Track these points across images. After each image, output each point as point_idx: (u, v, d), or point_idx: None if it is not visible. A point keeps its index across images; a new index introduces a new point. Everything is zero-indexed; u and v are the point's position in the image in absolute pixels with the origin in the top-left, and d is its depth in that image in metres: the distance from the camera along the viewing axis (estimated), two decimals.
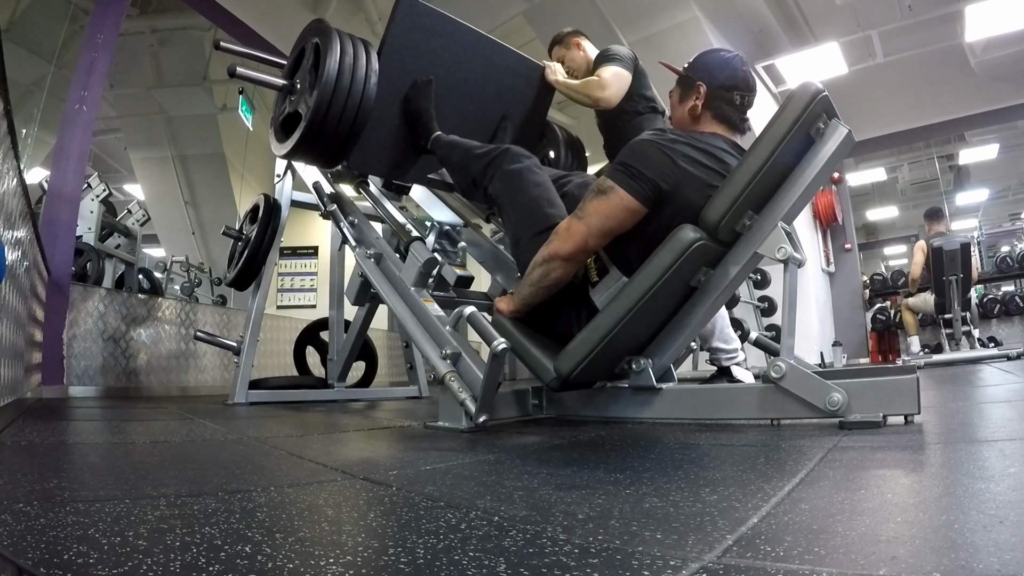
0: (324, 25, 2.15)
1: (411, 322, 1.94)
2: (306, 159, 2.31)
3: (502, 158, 1.92)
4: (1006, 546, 0.51)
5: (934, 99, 6.83)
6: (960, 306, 5.22)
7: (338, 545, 0.59)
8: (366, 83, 2.06)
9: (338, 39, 2.07)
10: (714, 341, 2.50)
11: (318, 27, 2.18)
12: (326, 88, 2.00)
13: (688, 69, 1.72)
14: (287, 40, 5.33)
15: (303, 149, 2.15)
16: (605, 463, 1.07)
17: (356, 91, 2.04)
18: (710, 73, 1.66)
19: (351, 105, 2.05)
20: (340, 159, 2.23)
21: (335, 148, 2.14)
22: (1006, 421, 1.39)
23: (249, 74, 2.18)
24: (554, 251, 1.62)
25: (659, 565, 0.52)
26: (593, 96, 2.39)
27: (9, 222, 1.65)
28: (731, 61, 1.69)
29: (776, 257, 1.46)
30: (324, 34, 2.11)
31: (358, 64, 2.06)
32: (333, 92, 2.01)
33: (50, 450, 1.24)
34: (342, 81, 2.02)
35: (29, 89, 6.00)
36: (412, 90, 2.24)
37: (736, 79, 1.66)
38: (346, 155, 2.19)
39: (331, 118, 2.04)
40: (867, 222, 13.20)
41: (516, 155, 1.93)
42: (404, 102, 2.25)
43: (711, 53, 1.73)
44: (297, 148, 2.15)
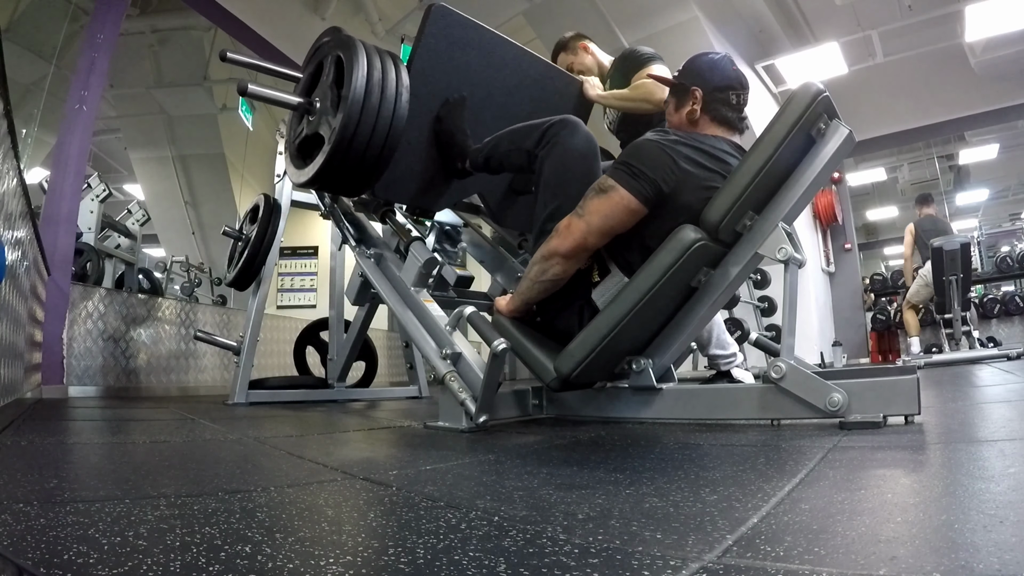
0: (345, 36, 1.92)
1: (411, 322, 1.94)
2: (329, 188, 2.09)
3: (560, 126, 1.77)
4: (1006, 546, 0.51)
5: (934, 99, 6.83)
6: (960, 306, 5.22)
7: (338, 545, 0.59)
8: (397, 101, 1.85)
9: (364, 52, 1.85)
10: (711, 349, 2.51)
11: (338, 39, 1.94)
12: (354, 107, 1.78)
13: (680, 76, 1.72)
14: (287, 40, 5.37)
15: (327, 176, 1.91)
16: (605, 463, 1.07)
17: (387, 110, 1.82)
18: (703, 77, 1.67)
19: (381, 126, 1.83)
20: (366, 187, 2.01)
21: (363, 175, 1.92)
22: (1006, 421, 1.39)
23: (261, 92, 1.94)
24: (554, 248, 1.62)
25: (659, 565, 0.52)
26: (655, 97, 2.24)
27: (9, 222, 1.65)
28: (721, 62, 1.70)
29: (777, 257, 1.46)
30: (346, 47, 1.87)
31: (387, 80, 1.84)
32: (361, 112, 1.79)
33: (50, 450, 1.24)
34: (371, 100, 1.79)
35: (29, 89, 6.00)
36: (444, 109, 2.06)
37: (729, 79, 1.67)
38: (374, 182, 1.98)
39: (359, 141, 1.81)
40: (867, 222, 13.20)
41: (575, 125, 1.78)
42: (436, 122, 2.07)
43: (700, 57, 1.73)
44: (320, 175, 1.90)
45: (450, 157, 2.08)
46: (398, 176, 2.04)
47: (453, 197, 2.30)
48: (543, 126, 1.79)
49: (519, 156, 1.86)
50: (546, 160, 1.76)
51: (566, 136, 1.75)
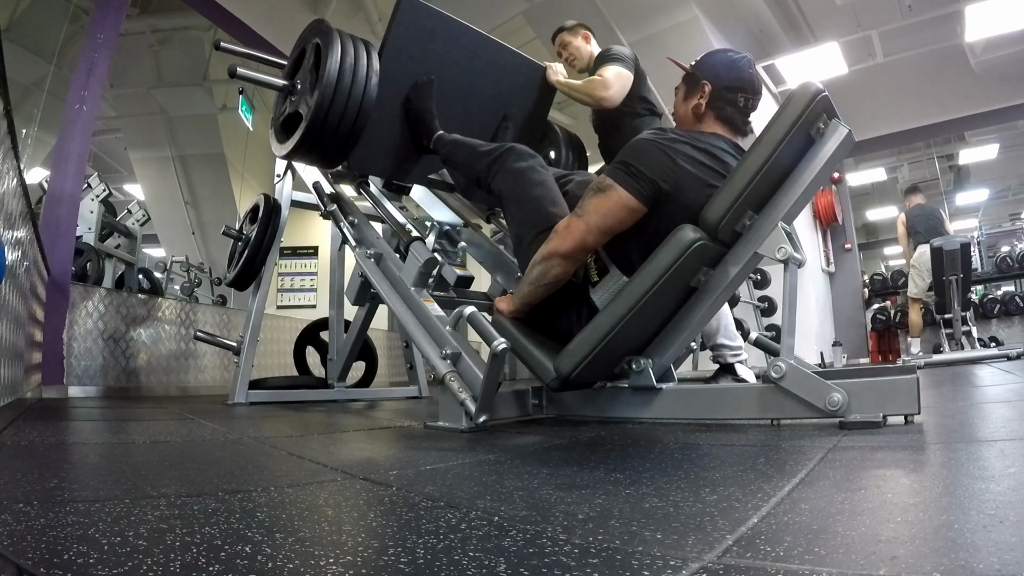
0: (325, 25, 2.15)
1: (411, 322, 1.94)
2: (306, 159, 2.31)
3: (506, 156, 1.93)
4: (1006, 546, 0.51)
5: (934, 99, 6.83)
6: (960, 306, 5.22)
7: (338, 545, 0.59)
8: (367, 83, 2.06)
9: (339, 39, 2.07)
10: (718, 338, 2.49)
11: (319, 27, 2.17)
12: (327, 88, 2.00)
13: (695, 67, 1.71)
14: (287, 40, 5.34)
15: (304, 149, 2.15)
16: (605, 463, 1.07)
17: (357, 91, 2.04)
18: (716, 73, 1.65)
19: (352, 105, 2.05)
20: (341, 159, 2.23)
21: (336, 148, 2.15)
22: (1006, 421, 1.39)
23: (249, 74, 2.18)
24: (553, 249, 1.62)
25: (659, 565, 0.52)
26: (596, 95, 2.39)
27: (9, 222, 1.65)
28: (739, 62, 1.68)
29: (776, 257, 1.46)
30: (325, 34, 2.10)
31: (359, 64, 2.06)
32: (334, 92, 2.01)
33: (50, 450, 1.24)
34: (343, 81, 2.02)
35: (29, 89, 6.00)
36: (413, 91, 2.24)
37: (742, 81, 1.65)
38: (347, 155, 2.20)
39: (332, 118, 2.04)
40: (867, 222, 13.19)
41: (521, 153, 1.93)
42: (405, 102, 2.25)
43: (719, 53, 1.72)
44: (298, 148, 2.15)
45: (417, 135, 2.27)
46: (372, 151, 2.26)
47: (423, 171, 2.52)
48: (490, 157, 1.96)
49: (469, 173, 2.07)
50: (495, 185, 1.93)
51: (512, 162, 1.91)
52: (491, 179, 1.94)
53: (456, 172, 2.21)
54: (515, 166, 1.90)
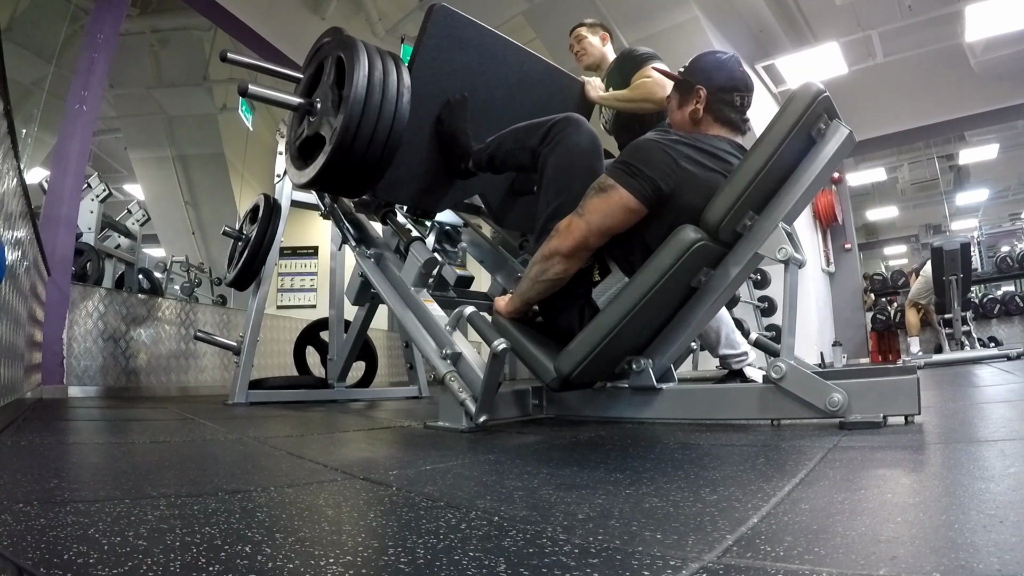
0: (346, 37, 1.92)
1: (411, 322, 1.94)
2: (330, 188, 2.07)
3: (565, 123, 1.77)
4: (1006, 546, 0.51)
5: (934, 99, 6.83)
6: (960, 306, 5.23)
7: (338, 545, 0.59)
8: (398, 101, 1.84)
9: (365, 52, 1.84)
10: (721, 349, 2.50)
11: (339, 39, 1.93)
12: (355, 108, 1.77)
13: (685, 73, 1.71)
14: (287, 40, 5.37)
15: (328, 176, 1.90)
16: (605, 463, 1.07)
17: (388, 111, 1.82)
18: (708, 76, 1.65)
19: (383, 127, 1.82)
20: (367, 188, 2.00)
21: (364, 175, 1.90)
22: (1006, 421, 1.39)
23: (262, 92, 1.93)
24: (554, 248, 1.62)
25: (659, 565, 0.52)
26: (656, 97, 2.25)
27: (9, 222, 1.65)
28: (728, 62, 1.68)
29: (777, 257, 1.46)
30: (347, 47, 1.86)
31: (388, 80, 1.83)
32: (362, 112, 1.78)
33: (50, 450, 1.24)
34: (372, 100, 1.79)
35: (29, 89, 6.00)
36: (446, 110, 2.05)
37: (735, 80, 1.65)
38: (375, 183, 1.96)
39: (360, 141, 1.80)
40: (867, 222, 13.21)
41: (578, 124, 1.78)
42: (437, 123, 2.06)
43: (707, 56, 1.72)
44: (321, 176, 1.89)
45: (452, 158, 2.07)
46: (399, 177, 2.03)
47: (454, 198, 2.29)
48: (547, 124, 1.78)
49: (523, 154, 1.85)
50: (550, 157, 1.75)
51: (570, 133, 1.74)
52: (547, 147, 1.77)
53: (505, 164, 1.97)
54: (574, 142, 1.74)
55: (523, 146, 1.85)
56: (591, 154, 1.75)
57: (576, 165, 1.73)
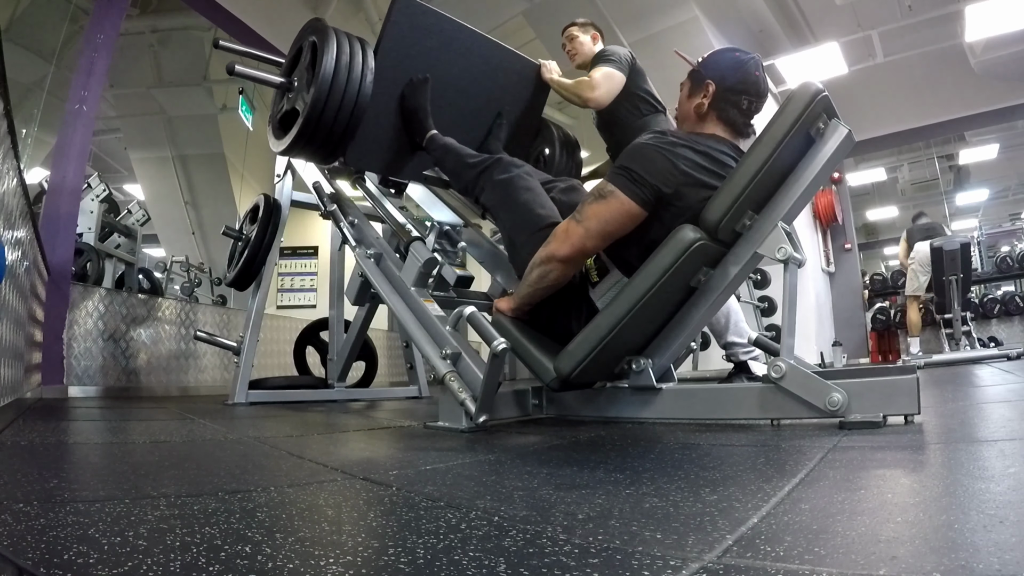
0: (321, 24, 2.19)
1: (411, 322, 1.94)
2: (303, 155, 2.34)
3: (492, 169, 1.98)
4: (1006, 546, 0.51)
5: (934, 99, 6.83)
6: (960, 306, 5.23)
7: (338, 545, 0.59)
8: (362, 80, 2.11)
9: (335, 37, 2.11)
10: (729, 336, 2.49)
11: (315, 26, 2.21)
12: (323, 85, 2.05)
13: (701, 64, 1.68)
14: (287, 40, 5.33)
15: (300, 145, 2.19)
16: (605, 463, 1.07)
17: (352, 88, 2.09)
18: (721, 73, 1.62)
19: (347, 102, 2.09)
20: (337, 155, 2.26)
21: (332, 144, 2.18)
22: (1006, 421, 1.39)
23: (247, 72, 2.21)
24: (552, 252, 1.62)
25: (659, 565, 0.52)
26: (583, 96, 2.42)
27: (9, 222, 1.65)
28: (746, 64, 1.64)
29: (776, 257, 1.46)
30: (321, 33, 2.14)
31: (354, 62, 2.10)
32: (330, 89, 2.05)
33: (50, 450, 1.24)
34: (338, 78, 2.06)
35: (29, 89, 6.00)
36: (408, 88, 2.28)
37: (747, 83, 1.62)
38: (343, 151, 2.23)
39: (327, 114, 2.08)
40: (867, 222, 13.21)
41: (506, 164, 1.99)
42: (400, 100, 2.29)
43: (727, 52, 1.68)
44: (294, 144, 2.19)
45: (411, 132, 2.31)
46: (366, 147, 2.29)
47: (418, 168, 2.55)
48: (476, 169, 2.02)
49: (458, 182, 2.15)
50: (484, 199, 2.00)
51: (497, 174, 1.96)
52: (479, 192, 2.01)
53: (447, 176, 2.27)
54: (500, 178, 1.95)
55: (458, 176, 2.12)
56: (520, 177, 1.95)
57: (511, 194, 1.92)
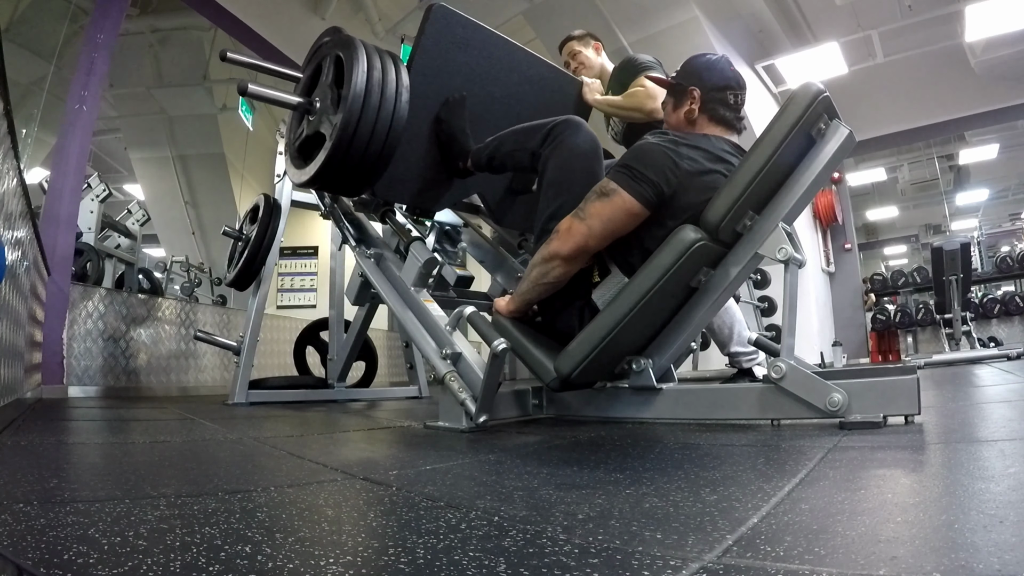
0: (344, 36, 1.93)
1: (411, 322, 1.94)
2: (330, 187, 2.08)
3: (564, 126, 1.77)
4: (1006, 546, 0.51)
5: (934, 99, 6.83)
6: (960, 306, 5.23)
7: (338, 545, 0.59)
8: (397, 100, 1.85)
9: (363, 51, 1.85)
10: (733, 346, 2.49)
11: (338, 39, 1.95)
12: (354, 106, 1.79)
13: (678, 77, 1.73)
14: (287, 40, 5.37)
15: (328, 175, 1.91)
16: (605, 463, 1.07)
17: (387, 110, 1.83)
18: (700, 77, 1.67)
19: (382, 126, 1.83)
20: (367, 187, 2.01)
21: (363, 174, 1.91)
22: (1006, 421, 1.39)
23: (261, 92, 1.94)
24: (554, 251, 1.62)
25: (659, 565, 0.52)
26: (646, 107, 2.30)
27: (9, 222, 1.65)
28: (719, 63, 1.71)
29: (777, 257, 1.46)
30: (346, 46, 1.88)
31: (387, 79, 1.85)
32: (361, 111, 1.79)
33: (50, 450, 1.24)
34: (371, 99, 1.80)
35: (29, 89, 6.00)
36: (445, 109, 2.07)
37: (727, 79, 1.67)
38: (374, 182, 1.97)
39: (359, 140, 1.81)
40: (867, 222, 13.20)
41: (578, 126, 1.79)
42: (436, 122, 2.08)
43: (698, 58, 1.74)
44: (321, 174, 1.90)
45: (451, 157, 2.07)
46: (398, 176, 2.03)
47: (453, 197, 2.30)
48: (547, 126, 1.79)
49: (523, 155, 1.86)
50: (550, 159, 1.76)
51: (570, 135, 1.75)
52: (547, 149, 1.77)
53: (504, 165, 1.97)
54: (574, 144, 1.75)
55: (523, 147, 1.85)
56: (591, 156, 1.76)
57: (576, 167, 1.73)
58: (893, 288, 8.56)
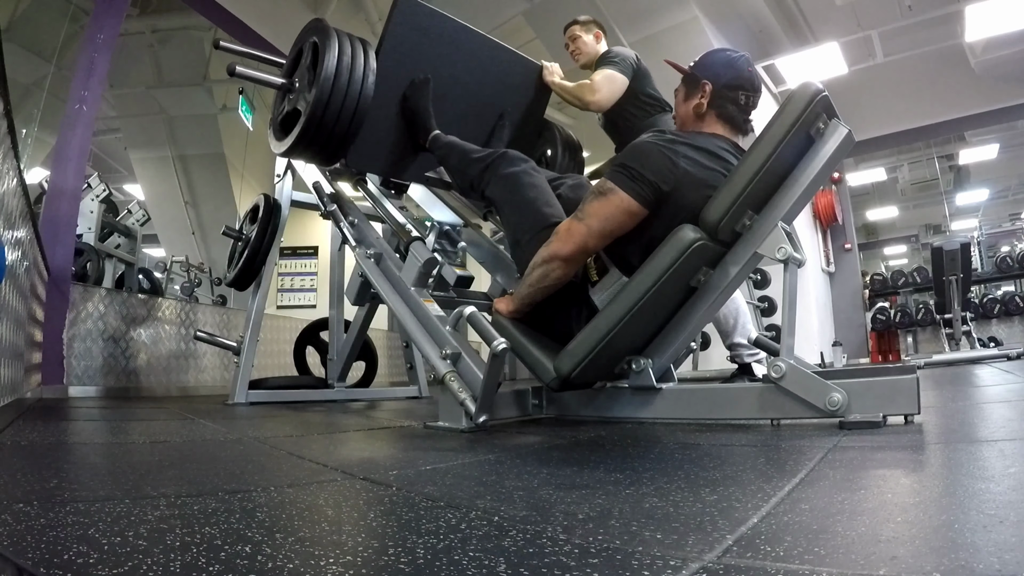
0: (322, 24, 2.18)
1: (411, 322, 1.94)
2: (304, 156, 2.32)
3: (499, 163, 1.96)
4: (1006, 546, 0.51)
5: (934, 99, 6.83)
6: (960, 306, 5.23)
7: (338, 545, 0.59)
8: (364, 81, 2.09)
9: (336, 38, 2.10)
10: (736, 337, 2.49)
11: (316, 26, 2.19)
12: (324, 85, 2.03)
13: (694, 67, 1.71)
14: (287, 40, 5.33)
15: (301, 146, 2.17)
16: (605, 463, 1.07)
17: (354, 89, 2.07)
18: (716, 72, 1.66)
19: (349, 103, 2.07)
20: (338, 156, 2.25)
21: (333, 145, 2.16)
22: (1006, 421, 1.39)
23: (248, 73, 2.20)
24: (554, 252, 1.62)
25: (659, 565, 0.52)
26: (584, 99, 2.42)
27: (9, 222, 1.65)
28: (737, 61, 1.68)
29: (776, 257, 1.46)
30: (322, 33, 2.13)
31: (356, 63, 2.09)
32: (331, 90, 2.04)
33: (50, 450, 1.24)
34: (340, 79, 2.04)
35: (29, 89, 6.00)
36: (410, 89, 2.27)
37: (742, 79, 1.65)
38: (344, 152, 2.21)
39: (329, 115, 2.06)
40: (867, 222, 13.21)
41: (513, 159, 1.96)
42: (402, 100, 2.28)
43: (718, 52, 1.73)
44: (296, 145, 2.17)
45: (414, 133, 2.29)
46: (369, 149, 2.27)
47: (420, 169, 2.53)
48: (482, 164, 1.99)
49: (463, 179, 2.09)
50: (489, 192, 1.96)
51: (504, 168, 1.94)
52: (484, 186, 1.98)
53: (451, 175, 2.24)
54: (507, 171, 1.93)
55: (463, 173, 2.07)
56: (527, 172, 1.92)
57: (518, 189, 1.89)
58: (893, 288, 8.56)
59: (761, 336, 2.63)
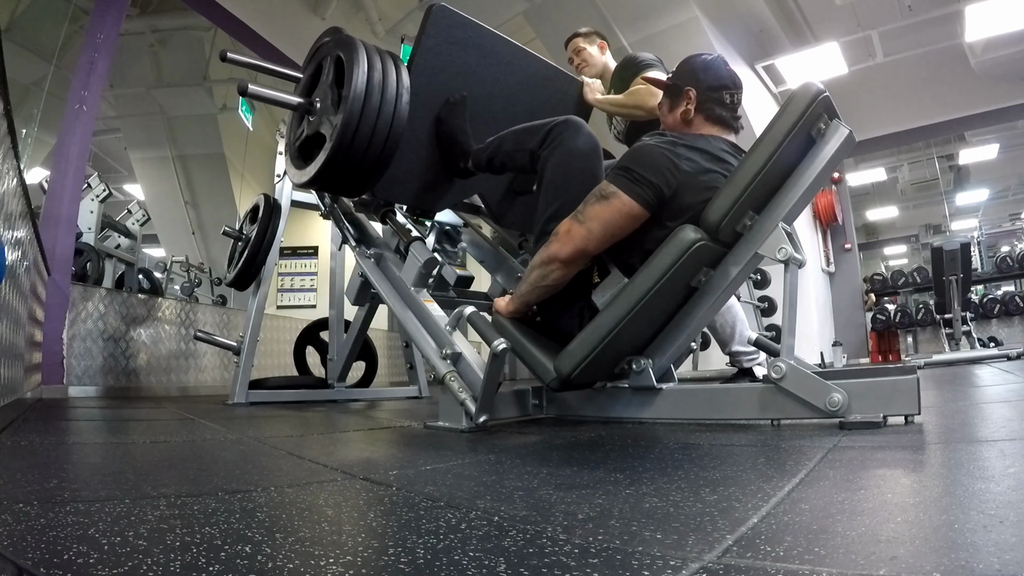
0: (345, 36, 1.93)
1: (411, 322, 1.94)
2: (330, 187, 2.06)
3: (564, 127, 1.76)
4: (1006, 546, 0.51)
5: (934, 99, 6.83)
6: (960, 306, 5.23)
7: (338, 545, 0.59)
8: (398, 101, 1.85)
9: (364, 52, 1.85)
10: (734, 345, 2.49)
11: (338, 39, 1.94)
12: (354, 106, 1.78)
13: (673, 77, 1.73)
14: (287, 40, 5.37)
15: (328, 176, 1.90)
16: (605, 463, 1.07)
17: (387, 110, 1.82)
18: (696, 77, 1.67)
19: (382, 126, 1.82)
20: (367, 187, 2.00)
21: (364, 174, 1.90)
22: (1006, 421, 1.39)
23: (261, 92, 1.93)
24: (553, 254, 1.61)
25: (659, 565, 0.52)
26: (648, 104, 2.26)
27: (9, 222, 1.65)
28: (714, 63, 1.70)
29: (777, 257, 1.46)
30: (346, 47, 1.87)
31: (388, 80, 1.84)
32: (362, 111, 1.79)
33: (50, 450, 1.24)
34: (371, 99, 1.80)
35: (29, 89, 6.00)
36: (445, 109, 2.06)
37: (723, 79, 1.67)
38: (375, 182, 1.96)
39: (360, 140, 1.81)
40: (867, 222, 13.21)
41: (578, 128, 1.76)
42: (437, 122, 2.07)
43: (693, 58, 1.74)
44: (322, 174, 1.89)
45: (451, 157, 2.07)
46: (398, 176, 2.03)
47: (454, 197, 2.29)
48: (547, 127, 1.78)
49: (522, 156, 1.85)
50: (549, 160, 1.74)
51: (569, 136, 1.74)
52: (546, 150, 1.76)
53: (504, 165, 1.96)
54: (574, 145, 1.73)
55: (522, 148, 1.84)
56: (590, 157, 1.75)
57: (575, 167, 1.72)
58: (893, 288, 8.57)
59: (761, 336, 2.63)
